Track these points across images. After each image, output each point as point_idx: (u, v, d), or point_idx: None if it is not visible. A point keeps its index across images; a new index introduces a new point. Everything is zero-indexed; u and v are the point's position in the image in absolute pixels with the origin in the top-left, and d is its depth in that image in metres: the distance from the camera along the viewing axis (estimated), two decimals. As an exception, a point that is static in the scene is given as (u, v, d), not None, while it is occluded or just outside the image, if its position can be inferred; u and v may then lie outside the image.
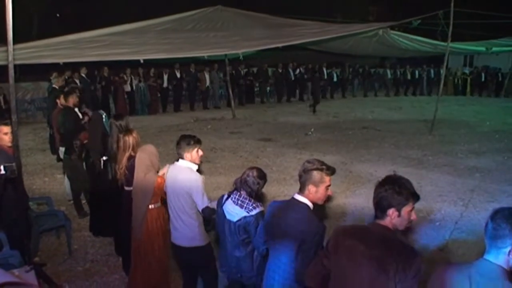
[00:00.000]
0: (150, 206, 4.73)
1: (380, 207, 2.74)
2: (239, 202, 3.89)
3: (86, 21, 23.68)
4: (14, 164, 4.20)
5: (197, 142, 4.49)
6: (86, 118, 7.60)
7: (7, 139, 5.33)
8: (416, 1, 30.16)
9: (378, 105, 21.93)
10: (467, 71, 28.08)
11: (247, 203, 3.86)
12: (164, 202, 4.84)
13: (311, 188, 3.26)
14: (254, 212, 3.82)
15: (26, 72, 16.95)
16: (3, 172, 4.07)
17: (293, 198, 3.37)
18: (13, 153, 4.83)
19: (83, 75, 17.03)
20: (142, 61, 13.04)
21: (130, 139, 5.19)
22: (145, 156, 4.76)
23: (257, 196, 4.00)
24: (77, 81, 16.56)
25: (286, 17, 16.20)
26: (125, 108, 17.79)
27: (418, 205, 8.27)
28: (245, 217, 3.82)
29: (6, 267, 3.98)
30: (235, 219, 3.87)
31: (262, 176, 3.98)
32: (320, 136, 14.16)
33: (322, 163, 3.32)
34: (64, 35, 11.41)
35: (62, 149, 7.85)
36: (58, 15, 31.95)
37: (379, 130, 15.12)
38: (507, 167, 10.50)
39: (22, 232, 5.30)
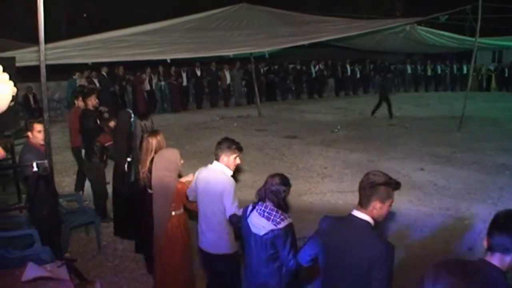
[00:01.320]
0: (172, 213, 4.58)
1: (504, 245, 2.33)
2: (265, 214, 3.58)
3: (112, 20, 23.95)
4: (46, 161, 4.29)
5: (239, 148, 4.29)
6: (112, 123, 7.30)
7: (40, 137, 5.46)
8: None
9: (406, 101, 21.64)
10: (492, 67, 27.68)
11: (274, 214, 3.55)
12: (185, 208, 4.74)
13: (376, 205, 2.88)
14: (282, 225, 3.51)
15: (51, 71, 17.28)
16: (35, 169, 4.17)
17: (352, 215, 2.97)
18: (45, 151, 4.93)
19: (104, 73, 17.16)
20: (169, 61, 13.14)
21: (154, 142, 5.04)
22: (161, 161, 4.63)
23: (285, 205, 3.71)
24: (96, 81, 16.72)
25: (311, 14, 16.15)
26: (146, 107, 17.82)
27: (446, 203, 8.19)
28: (272, 230, 3.51)
29: (38, 262, 4.05)
30: (261, 233, 3.56)
31: (286, 182, 3.69)
32: (347, 133, 14.08)
33: (390, 177, 2.94)
34: (92, 34, 11.59)
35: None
36: (85, 15, 32.44)
37: (406, 127, 14.96)
38: (538, 165, 10.29)
39: (53, 228, 5.41)
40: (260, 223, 3.58)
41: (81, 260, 5.91)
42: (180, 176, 4.82)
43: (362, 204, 2.93)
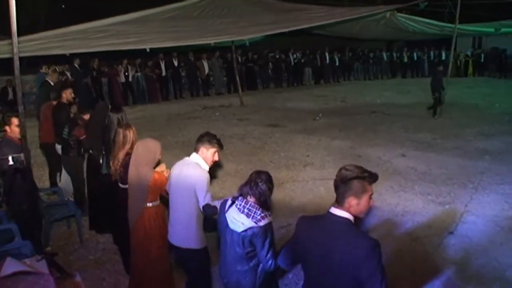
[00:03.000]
0: (148, 204, 4.50)
1: None
2: (245, 210, 3.41)
3: (92, 11, 23.61)
4: (22, 154, 4.24)
5: (219, 144, 4.23)
6: (87, 116, 7.01)
7: (17, 131, 5.37)
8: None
9: (387, 89, 21.78)
10: (469, 52, 28.00)
11: (255, 212, 3.39)
12: (163, 200, 4.66)
13: (351, 201, 2.70)
14: (262, 223, 3.35)
15: (33, 64, 16.96)
16: (11, 163, 4.11)
17: (330, 213, 2.78)
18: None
19: (76, 65, 16.81)
20: (148, 50, 12.99)
21: (131, 134, 4.97)
22: (139, 151, 4.53)
23: (268, 203, 3.54)
24: (68, 74, 16.47)
25: (292, 2, 16.09)
26: (122, 100, 17.62)
27: (427, 188, 8.26)
28: (252, 227, 3.35)
29: (18, 257, 4.00)
30: (239, 230, 3.40)
31: (271, 180, 3.57)
32: (329, 121, 14.11)
33: (363, 170, 2.76)
34: (70, 25, 11.39)
35: (58, 147, 7.63)
36: (63, 6, 31.94)
37: (388, 114, 15.04)
38: (517, 149, 10.43)
39: (33, 222, 5.35)
40: (239, 220, 3.42)
41: (63, 254, 5.88)
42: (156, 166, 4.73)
43: (338, 201, 2.76)
